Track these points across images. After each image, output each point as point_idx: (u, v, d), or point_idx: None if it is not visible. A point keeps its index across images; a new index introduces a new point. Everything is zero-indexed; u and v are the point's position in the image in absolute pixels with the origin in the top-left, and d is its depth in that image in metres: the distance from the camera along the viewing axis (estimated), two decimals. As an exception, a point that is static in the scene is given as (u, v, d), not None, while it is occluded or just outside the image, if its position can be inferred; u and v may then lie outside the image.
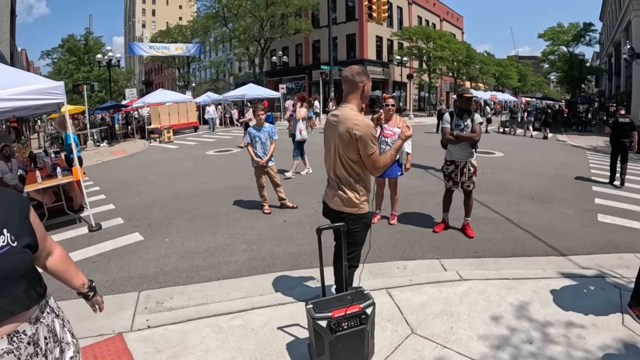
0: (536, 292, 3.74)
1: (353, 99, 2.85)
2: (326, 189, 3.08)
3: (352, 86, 2.84)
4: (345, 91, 2.89)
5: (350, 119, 2.74)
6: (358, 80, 2.81)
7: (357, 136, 2.69)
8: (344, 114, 2.80)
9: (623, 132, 9.44)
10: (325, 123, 2.96)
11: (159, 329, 3.38)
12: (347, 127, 2.72)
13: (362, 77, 2.82)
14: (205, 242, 5.66)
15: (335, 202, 2.92)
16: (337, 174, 2.89)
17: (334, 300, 2.49)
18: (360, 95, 2.86)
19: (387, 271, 4.41)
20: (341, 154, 2.82)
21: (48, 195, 7.21)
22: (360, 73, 2.82)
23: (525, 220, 6.27)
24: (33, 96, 6.21)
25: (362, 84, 2.82)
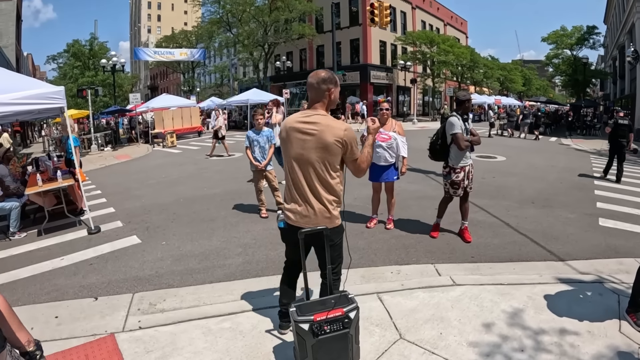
0: (531, 298, 3.68)
1: (320, 106, 2.73)
2: (293, 207, 2.79)
3: (318, 93, 2.71)
4: (311, 98, 2.74)
5: (337, 127, 2.64)
6: (324, 88, 2.69)
7: (348, 143, 2.63)
8: (325, 122, 2.65)
9: (621, 133, 10.30)
10: (287, 132, 2.74)
11: (150, 330, 3.41)
12: (335, 135, 2.61)
13: (329, 84, 2.69)
14: (201, 246, 5.67)
15: (313, 220, 2.72)
16: (314, 187, 2.70)
17: (317, 304, 2.47)
18: (327, 103, 2.74)
19: (380, 276, 4.38)
20: (324, 164, 2.66)
21: (49, 199, 7.26)
22: (326, 80, 2.69)
23: (525, 225, 6.22)
24: (34, 100, 6.30)
25: (328, 92, 2.70)
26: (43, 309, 3.93)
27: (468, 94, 5.43)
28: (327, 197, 2.71)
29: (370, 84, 38.31)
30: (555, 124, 30.05)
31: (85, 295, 4.29)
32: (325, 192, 2.70)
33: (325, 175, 2.68)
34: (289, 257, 3.09)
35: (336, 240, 2.81)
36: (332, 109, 2.88)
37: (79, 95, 23.90)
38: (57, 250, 5.85)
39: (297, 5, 35.86)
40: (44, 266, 5.20)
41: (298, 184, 2.74)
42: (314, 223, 2.71)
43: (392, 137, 5.65)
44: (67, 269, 5.09)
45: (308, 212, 2.72)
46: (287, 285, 3.14)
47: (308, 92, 2.78)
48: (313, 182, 2.69)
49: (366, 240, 5.61)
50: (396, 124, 5.85)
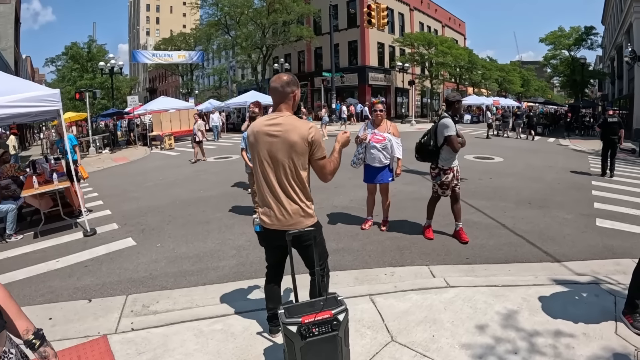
0: (525, 300, 3.65)
1: (286, 108, 2.77)
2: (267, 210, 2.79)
3: (283, 96, 2.76)
4: (275, 101, 2.79)
5: (302, 126, 2.67)
6: (289, 91, 2.74)
7: (314, 141, 2.66)
8: (290, 122, 2.69)
9: (612, 130, 10.94)
10: (255, 136, 2.76)
11: (143, 331, 3.42)
12: (301, 134, 2.64)
13: (293, 87, 2.76)
14: (196, 248, 5.65)
15: (289, 221, 2.73)
16: (285, 188, 2.72)
17: (306, 306, 2.45)
18: (293, 105, 2.79)
19: (374, 277, 4.35)
20: (293, 164, 2.69)
21: (45, 201, 7.26)
22: (290, 83, 2.75)
23: (521, 226, 6.19)
24: (29, 103, 6.31)
25: (292, 94, 2.76)
26: (37, 311, 3.92)
27: (458, 95, 5.43)
28: (299, 196, 2.73)
29: (368, 85, 38.36)
30: (553, 124, 30.08)
31: (79, 297, 4.30)
32: (298, 191, 2.73)
33: (295, 175, 2.70)
34: (270, 262, 3.08)
35: (319, 238, 2.86)
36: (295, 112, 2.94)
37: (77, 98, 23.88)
38: (52, 252, 5.85)
39: (295, 7, 35.88)
40: (40, 268, 5.21)
41: (270, 186, 2.75)
42: (290, 224, 2.72)
43: (386, 138, 5.63)
44: (62, 271, 5.09)
45: (282, 214, 2.73)
46: (271, 290, 3.13)
47: (272, 96, 2.81)
48: (284, 182, 2.71)
49: (360, 242, 5.58)
50: (391, 125, 5.83)
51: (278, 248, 2.86)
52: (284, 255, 2.95)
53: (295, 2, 35.87)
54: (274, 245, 2.86)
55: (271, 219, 2.77)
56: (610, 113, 11.69)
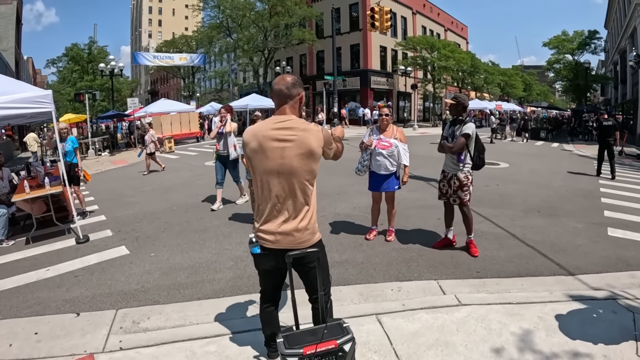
0: (542, 319, 3.40)
1: (292, 111, 2.51)
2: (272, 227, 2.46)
3: (290, 98, 2.51)
4: (279, 103, 2.51)
5: (315, 129, 2.47)
6: (295, 93, 2.51)
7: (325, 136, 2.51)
8: (303, 126, 2.44)
9: (608, 133, 11.68)
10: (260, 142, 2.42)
11: (131, 351, 3.22)
12: (318, 138, 2.45)
13: (299, 88, 2.53)
14: (191, 258, 5.41)
15: (304, 237, 2.45)
16: (297, 200, 2.43)
17: (307, 334, 2.20)
18: (299, 107, 2.55)
19: (379, 293, 4.09)
20: (309, 173, 2.43)
21: (37, 206, 7.05)
22: (295, 84, 2.51)
23: (531, 236, 5.94)
24: (20, 105, 6.15)
25: (298, 96, 2.53)
26: (23, 324, 3.76)
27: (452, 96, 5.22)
28: (309, 210, 2.47)
29: (370, 89, 38.15)
30: (556, 129, 29.85)
31: (67, 310, 4.09)
32: (310, 204, 2.48)
33: (308, 185, 2.45)
34: (266, 287, 2.75)
35: (322, 259, 2.54)
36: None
37: (76, 99, 23.73)
38: (43, 260, 5.65)
39: (297, 10, 35.75)
40: (29, 277, 5.01)
41: (279, 198, 2.43)
42: (299, 242, 2.44)
43: (393, 145, 5.38)
44: (51, 281, 4.88)
45: (291, 230, 2.42)
46: (268, 314, 2.80)
47: (275, 99, 2.53)
48: (296, 194, 2.42)
49: (365, 253, 5.33)
50: (397, 130, 5.58)
51: (278, 271, 2.55)
52: (282, 279, 2.64)
53: (297, 5, 35.74)
54: (275, 268, 2.52)
55: (276, 237, 2.44)
56: (605, 117, 12.37)
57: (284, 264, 2.34)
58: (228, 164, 7.90)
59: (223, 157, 7.85)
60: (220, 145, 7.83)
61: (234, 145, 7.76)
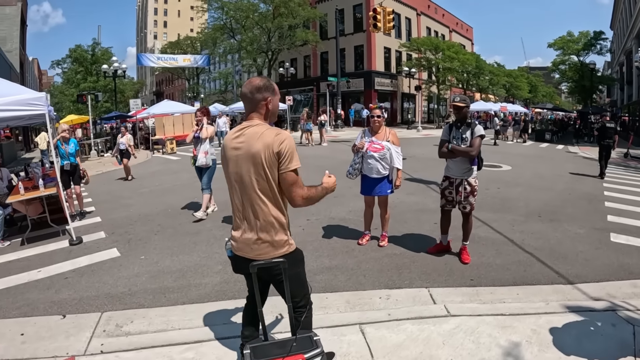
0: (535, 332, 3.25)
1: (256, 117, 2.36)
2: (237, 234, 2.41)
3: (253, 104, 2.35)
4: (247, 110, 2.39)
5: (267, 133, 2.25)
6: (259, 98, 2.33)
7: (281, 150, 2.22)
8: (254, 131, 2.29)
9: (607, 135, 12.09)
10: (224, 150, 2.38)
11: (111, 355, 3.22)
12: (266, 142, 2.22)
13: (265, 93, 2.33)
14: (180, 261, 5.33)
15: (261, 249, 2.34)
16: (255, 208, 2.31)
17: (275, 347, 2.12)
18: (265, 114, 2.37)
19: (367, 301, 3.95)
20: (257, 181, 2.27)
21: (34, 207, 7.04)
22: (261, 88, 2.33)
23: (530, 242, 5.78)
24: (13, 107, 6.14)
25: (264, 102, 2.34)
26: (11, 325, 3.78)
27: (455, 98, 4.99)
28: (269, 219, 2.31)
29: (374, 90, 38.04)
30: (562, 131, 29.60)
31: (54, 311, 4.09)
32: (267, 213, 2.31)
33: (264, 193, 2.28)
34: (248, 288, 2.68)
35: (294, 270, 2.39)
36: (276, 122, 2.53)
37: (79, 100, 23.80)
38: (36, 261, 5.65)
39: (301, 11, 35.72)
40: (20, 278, 5.02)
41: (239, 206, 2.38)
42: (257, 254, 2.34)
43: (385, 147, 5.23)
44: (41, 282, 4.88)
45: (251, 239, 2.34)
46: (249, 318, 2.72)
47: (244, 104, 2.41)
48: (253, 202, 2.31)
49: (356, 259, 5.19)
50: (390, 132, 5.43)
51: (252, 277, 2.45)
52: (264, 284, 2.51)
53: (301, 7, 35.71)
54: (247, 273, 2.40)
55: (239, 245, 2.39)
56: (607, 119, 13.29)
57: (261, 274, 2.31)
58: (202, 170, 7.38)
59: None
60: (198, 150, 7.34)
61: (205, 152, 7.24)
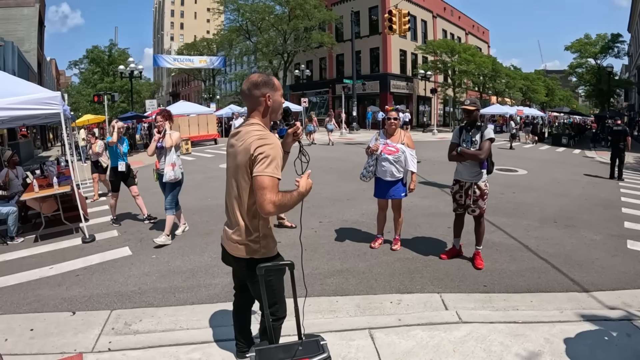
0: (548, 341, 3.17)
1: (256, 115, 2.33)
2: (224, 227, 2.53)
3: (251, 101, 2.32)
4: (247, 108, 2.37)
5: (251, 135, 2.22)
6: (257, 94, 2.29)
7: (254, 153, 2.16)
8: (245, 130, 2.28)
9: (618, 138, 12.29)
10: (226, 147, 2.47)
11: (118, 353, 3.24)
12: (246, 144, 2.21)
13: (263, 89, 2.30)
14: (191, 262, 5.35)
15: (233, 247, 2.40)
16: (232, 207, 2.37)
17: (281, 350, 2.09)
18: (264, 111, 2.33)
19: (377, 306, 3.91)
20: (238, 180, 2.29)
21: (48, 204, 7.12)
22: (259, 84, 2.30)
23: (545, 248, 5.66)
24: (28, 106, 6.23)
25: (263, 98, 2.30)
26: (21, 320, 3.82)
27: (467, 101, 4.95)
28: (242, 220, 2.35)
29: (390, 93, 37.85)
30: (579, 135, 29.11)
31: (64, 308, 4.13)
32: (242, 214, 2.35)
33: (242, 195, 2.31)
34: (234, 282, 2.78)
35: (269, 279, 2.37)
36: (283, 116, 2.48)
37: (95, 100, 24.19)
38: (48, 258, 5.72)
39: (317, 13, 35.79)
40: (32, 274, 5.09)
41: (226, 200, 2.48)
42: (232, 249, 2.43)
43: (399, 150, 5.18)
44: (53, 279, 4.94)
45: (228, 234, 2.44)
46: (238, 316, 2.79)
47: (244, 101, 2.40)
48: (232, 202, 2.38)
49: (368, 262, 5.14)
50: (405, 135, 5.37)
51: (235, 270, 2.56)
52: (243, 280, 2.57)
53: (316, 9, 35.80)
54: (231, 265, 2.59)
55: (223, 235, 2.53)
56: (618, 122, 13.23)
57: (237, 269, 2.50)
58: (167, 186, 6.31)
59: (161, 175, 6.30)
60: (161, 162, 6.29)
61: (172, 164, 6.17)
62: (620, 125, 12.94)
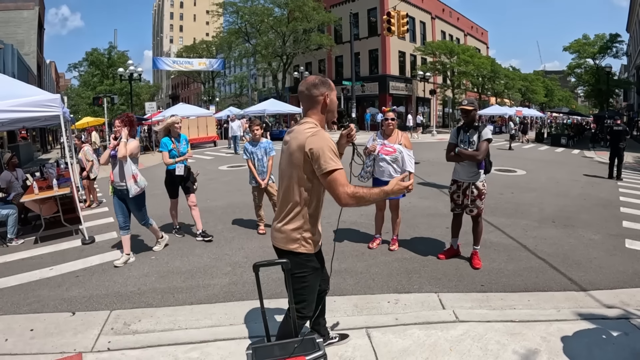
0: (545, 339, 3.18)
1: (313, 114, 2.42)
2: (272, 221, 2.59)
3: (310, 101, 2.40)
4: (304, 108, 2.46)
5: (303, 132, 2.31)
6: (316, 94, 2.38)
7: (312, 152, 2.22)
8: (298, 129, 2.37)
9: (618, 137, 12.34)
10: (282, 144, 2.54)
11: (117, 352, 3.26)
12: (299, 142, 2.28)
13: (322, 89, 2.38)
14: (190, 262, 5.37)
15: (277, 238, 2.47)
16: (282, 201, 2.45)
17: (277, 348, 2.13)
18: (322, 110, 2.42)
19: (375, 305, 3.93)
20: (290, 177, 2.36)
21: (47, 206, 7.13)
22: (317, 84, 2.38)
23: (543, 248, 5.68)
24: (29, 108, 6.26)
25: (322, 97, 2.38)
26: (21, 321, 3.85)
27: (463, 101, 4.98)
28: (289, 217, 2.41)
29: (389, 94, 37.89)
30: (578, 135, 29.16)
31: (64, 309, 4.15)
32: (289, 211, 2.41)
33: (292, 191, 2.38)
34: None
35: (297, 272, 2.43)
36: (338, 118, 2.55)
37: (95, 103, 24.24)
38: (48, 259, 5.75)
39: (315, 15, 35.87)
40: (33, 275, 5.11)
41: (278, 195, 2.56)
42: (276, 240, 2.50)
43: (397, 150, 5.21)
44: (53, 280, 4.96)
45: (274, 230, 2.49)
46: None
47: (301, 102, 2.48)
48: (284, 197, 2.44)
49: (366, 262, 5.17)
50: (402, 135, 5.40)
51: None
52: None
53: (315, 11, 35.87)
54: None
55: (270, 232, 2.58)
56: (618, 122, 13.36)
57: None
58: (129, 202, 5.50)
59: (120, 191, 5.42)
60: (115, 174, 5.37)
61: (133, 176, 5.32)
62: (621, 125, 13.00)
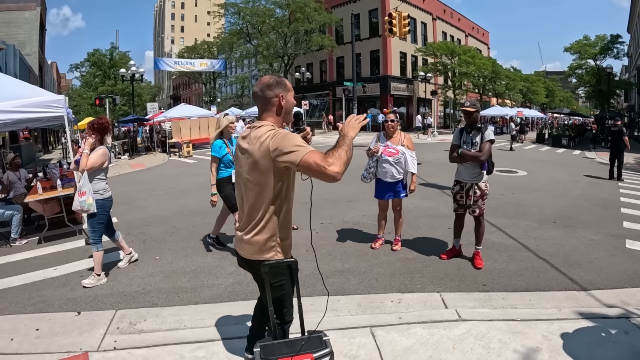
0: (546, 338, 3.22)
1: (269, 117, 2.28)
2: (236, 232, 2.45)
3: (265, 103, 2.28)
4: (259, 110, 2.32)
5: (261, 136, 2.16)
6: (271, 95, 2.26)
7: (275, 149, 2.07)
8: (256, 133, 2.21)
9: (617, 138, 12.43)
10: (235, 149, 2.40)
11: (124, 351, 3.27)
12: (262, 149, 2.12)
13: (277, 90, 2.26)
14: (194, 262, 5.41)
15: (246, 249, 2.33)
16: (249, 211, 2.29)
17: (285, 346, 2.14)
18: (277, 112, 2.29)
19: (378, 305, 3.97)
20: (258, 184, 2.21)
21: (50, 206, 7.17)
22: (272, 85, 2.26)
23: (544, 248, 5.72)
24: (32, 109, 6.30)
25: (276, 98, 2.26)
26: (26, 320, 3.86)
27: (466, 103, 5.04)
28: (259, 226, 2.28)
29: (390, 95, 37.91)
30: (579, 136, 29.18)
31: (69, 308, 4.17)
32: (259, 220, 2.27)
33: (261, 200, 2.24)
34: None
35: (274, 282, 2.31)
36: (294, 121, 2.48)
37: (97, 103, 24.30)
38: (52, 259, 5.78)
39: (317, 16, 35.89)
40: (37, 275, 5.14)
41: (240, 205, 2.40)
42: (245, 252, 2.35)
43: (399, 152, 5.26)
44: (57, 280, 4.98)
45: (241, 239, 2.35)
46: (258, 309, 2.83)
47: (256, 103, 2.37)
48: (252, 206, 2.28)
49: (369, 262, 5.21)
50: (405, 137, 5.45)
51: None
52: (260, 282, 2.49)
53: (316, 12, 35.90)
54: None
55: (235, 241, 2.46)
56: (618, 123, 13.53)
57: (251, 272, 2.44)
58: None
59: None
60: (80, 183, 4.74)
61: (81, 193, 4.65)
62: (617, 126, 13.24)
